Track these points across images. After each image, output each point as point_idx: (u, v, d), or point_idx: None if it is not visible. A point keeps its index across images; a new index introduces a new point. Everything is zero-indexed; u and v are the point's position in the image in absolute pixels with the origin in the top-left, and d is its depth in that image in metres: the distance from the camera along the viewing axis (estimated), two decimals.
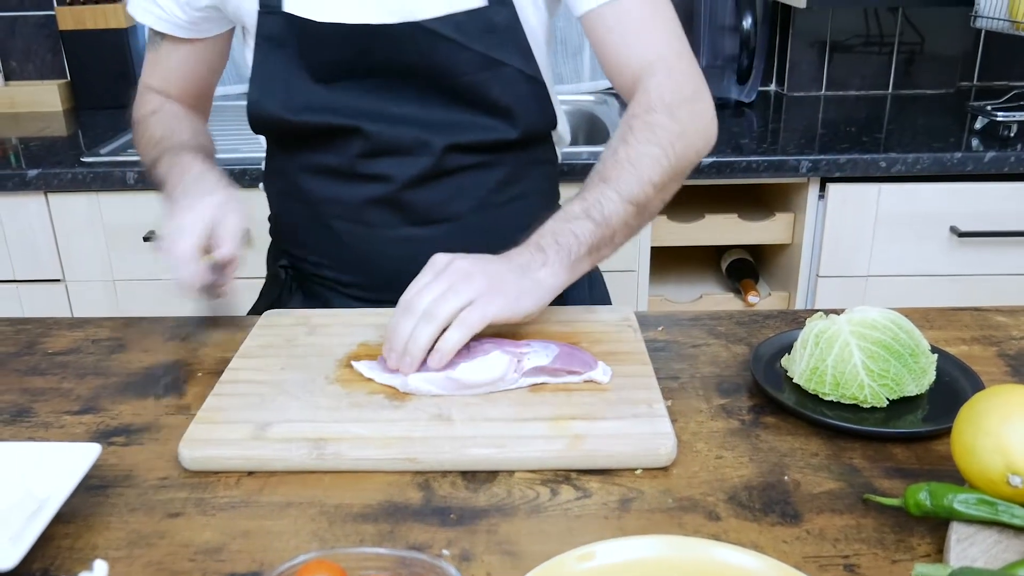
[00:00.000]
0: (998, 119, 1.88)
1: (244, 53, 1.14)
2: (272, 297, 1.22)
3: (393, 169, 1.08)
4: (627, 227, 0.96)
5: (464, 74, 1.05)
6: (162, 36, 1.17)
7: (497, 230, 0.96)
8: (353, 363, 0.90)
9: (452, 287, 0.86)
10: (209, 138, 1.21)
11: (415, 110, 1.07)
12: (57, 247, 1.90)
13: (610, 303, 1.26)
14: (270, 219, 1.26)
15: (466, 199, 1.11)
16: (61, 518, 0.71)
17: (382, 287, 0.92)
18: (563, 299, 1.13)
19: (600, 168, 0.97)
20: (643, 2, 1.03)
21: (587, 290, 1.22)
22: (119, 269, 1.92)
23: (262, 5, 1.06)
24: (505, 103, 1.07)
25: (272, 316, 1.04)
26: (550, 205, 1.21)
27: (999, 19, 1.90)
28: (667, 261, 2.16)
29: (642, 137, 0.97)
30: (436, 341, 0.85)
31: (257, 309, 1.23)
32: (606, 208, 0.93)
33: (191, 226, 0.93)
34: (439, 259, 0.90)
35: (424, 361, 0.85)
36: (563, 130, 1.21)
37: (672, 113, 0.99)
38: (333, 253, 1.14)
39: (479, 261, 0.89)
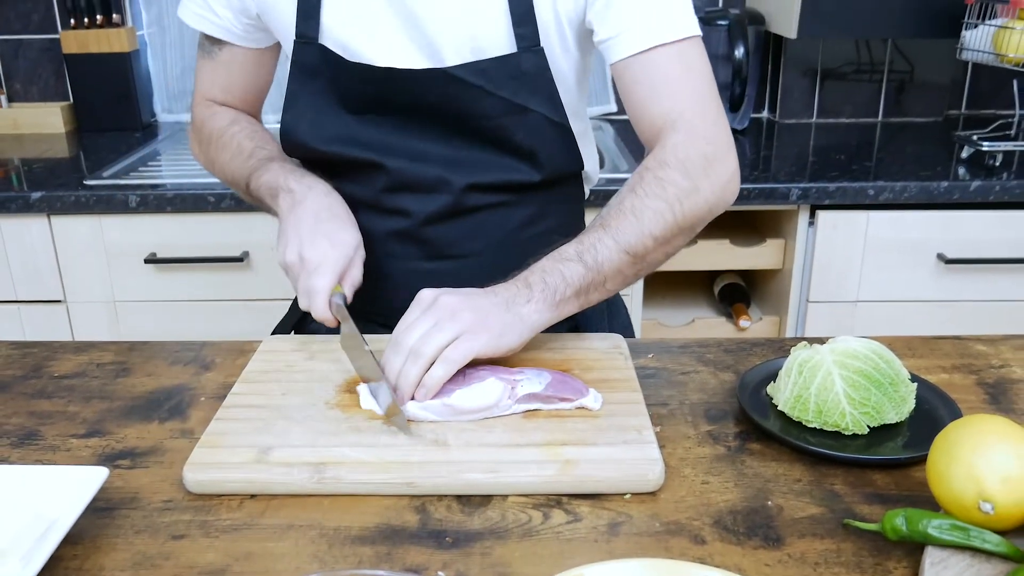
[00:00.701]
0: (984, 149, 1.92)
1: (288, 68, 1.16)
2: (296, 317, 1.24)
3: (413, 205, 1.11)
4: (620, 275, 0.98)
5: (489, 118, 1.07)
6: (220, 44, 1.19)
7: (514, 267, 0.97)
8: (359, 388, 0.93)
9: (438, 324, 0.90)
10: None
11: (438, 148, 1.09)
12: (59, 268, 1.92)
13: (633, 334, 1.28)
14: None
15: (486, 237, 1.13)
16: (69, 539, 0.73)
17: (399, 315, 0.94)
18: (581, 327, 1.15)
19: (603, 214, 0.99)
20: (675, 58, 1.02)
21: (607, 320, 1.23)
22: (120, 291, 1.94)
23: (298, 35, 1.08)
24: (529, 147, 1.09)
25: (272, 342, 1.07)
26: None
27: (984, 52, 1.94)
28: (660, 285, 2.19)
29: (650, 190, 0.99)
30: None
31: (283, 327, 1.25)
32: (600, 254, 0.95)
33: (333, 264, 0.99)
34: (425, 295, 0.94)
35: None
36: (592, 169, 1.21)
37: (686, 171, 0.99)
38: None
39: (465, 297, 0.92)
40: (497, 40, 1.04)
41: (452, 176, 1.09)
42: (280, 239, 1.04)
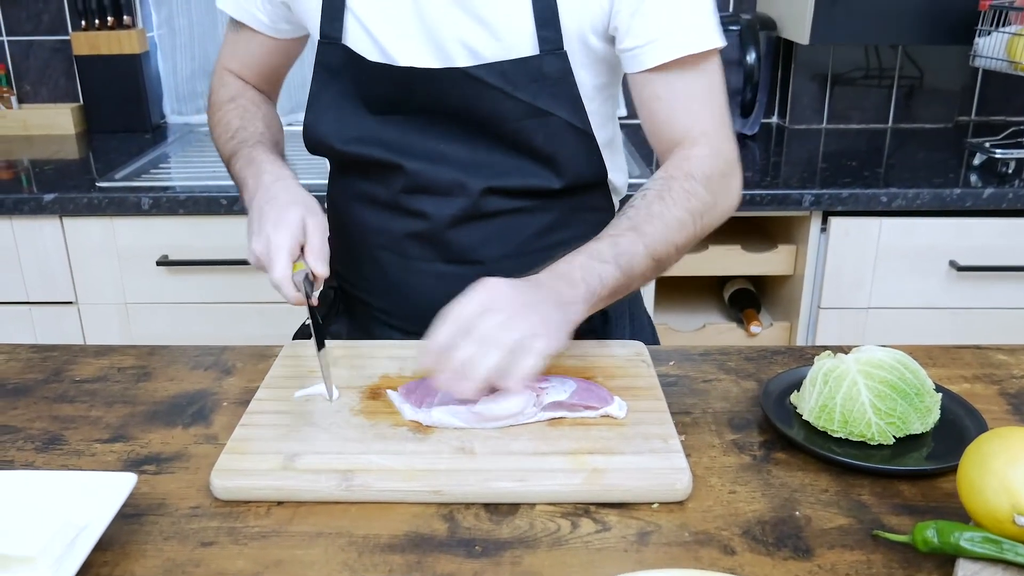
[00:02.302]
0: (996, 156, 1.92)
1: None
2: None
3: (432, 207, 1.10)
4: (643, 278, 0.99)
5: (508, 121, 1.06)
6: (241, 24, 1.20)
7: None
8: (388, 392, 0.94)
9: (512, 317, 0.84)
10: (279, 125, 1.23)
11: (457, 150, 1.08)
12: (71, 270, 1.92)
13: (657, 341, 1.27)
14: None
15: (504, 242, 1.12)
16: (98, 546, 0.73)
17: (417, 319, 0.92)
18: (602, 335, 1.15)
19: (633, 214, 0.98)
20: (698, 73, 1.03)
21: (627, 328, 1.23)
22: (131, 293, 1.94)
23: (322, 35, 1.09)
24: (549, 152, 1.08)
25: (295, 347, 1.07)
26: None
27: (998, 59, 1.94)
28: (671, 290, 2.19)
29: (679, 201, 0.99)
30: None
31: (304, 332, 1.25)
32: (633, 260, 0.95)
33: (278, 249, 0.96)
34: (493, 285, 0.87)
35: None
36: (619, 180, 1.20)
37: (709, 186, 1.01)
38: (374, 281, 1.15)
39: (530, 292, 0.88)
40: (520, 42, 1.03)
41: (469, 179, 1.08)
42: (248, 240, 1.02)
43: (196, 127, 2.49)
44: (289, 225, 0.97)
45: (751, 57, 2.12)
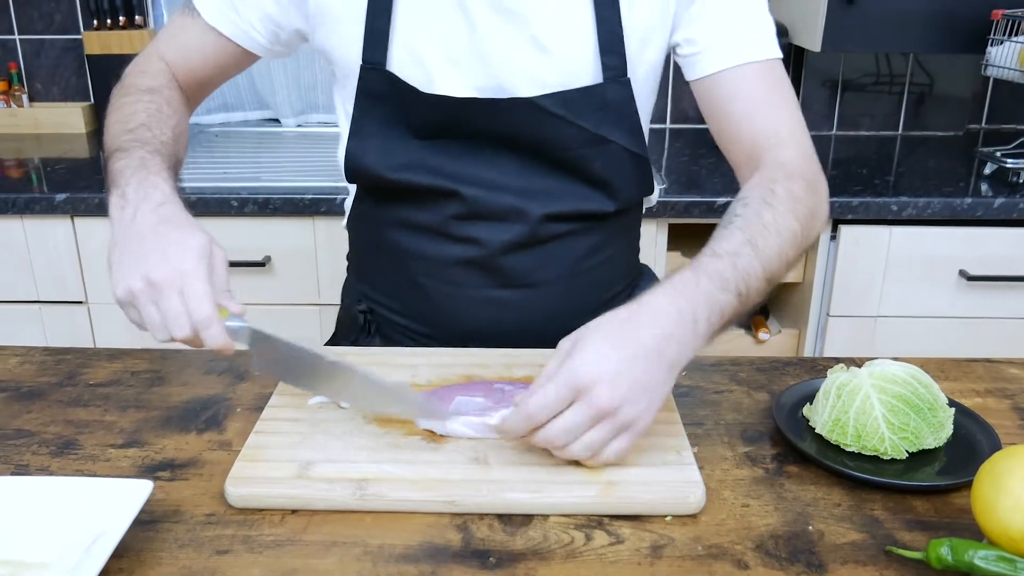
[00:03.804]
0: (1007, 165, 1.92)
1: (333, 92, 1.12)
2: (350, 340, 1.22)
3: (487, 234, 1.08)
4: (755, 302, 0.89)
5: (568, 149, 1.04)
6: (199, 14, 1.09)
7: (580, 294, 0.94)
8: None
9: (627, 398, 0.78)
10: (186, 142, 1.08)
11: (514, 177, 1.06)
12: (81, 270, 1.93)
13: None
14: (349, 258, 1.27)
15: (556, 266, 1.11)
16: (114, 553, 0.73)
17: (461, 343, 0.90)
18: None
19: (744, 225, 0.90)
20: (770, 74, 1.02)
21: None
22: None
23: (365, 61, 1.04)
24: (606, 177, 1.07)
25: None
26: (630, 266, 1.21)
27: (1010, 68, 1.94)
28: None
29: (787, 207, 0.92)
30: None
31: (339, 338, 1.24)
32: (751, 283, 0.86)
33: (201, 279, 0.84)
34: (613, 346, 0.79)
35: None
36: (653, 198, 1.20)
37: (812, 189, 0.96)
38: (415, 306, 1.13)
39: (651, 365, 0.79)
40: (581, 69, 1.02)
41: (528, 206, 1.06)
42: (115, 264, 0.87)
43: (206, 127, 2.49)
44: (199, 253, 0.85)
45: None
